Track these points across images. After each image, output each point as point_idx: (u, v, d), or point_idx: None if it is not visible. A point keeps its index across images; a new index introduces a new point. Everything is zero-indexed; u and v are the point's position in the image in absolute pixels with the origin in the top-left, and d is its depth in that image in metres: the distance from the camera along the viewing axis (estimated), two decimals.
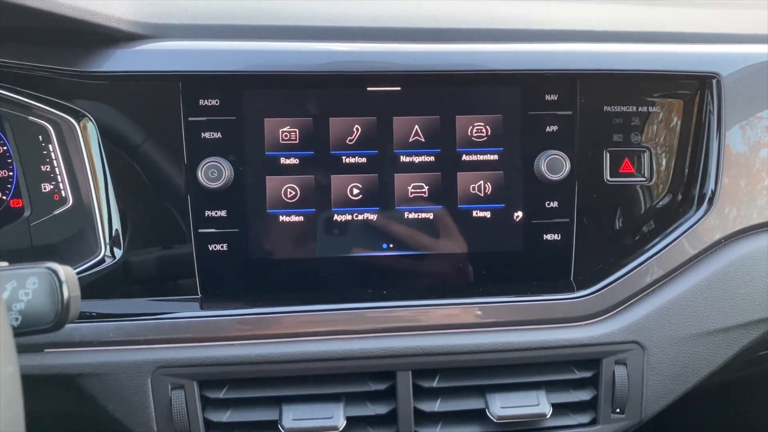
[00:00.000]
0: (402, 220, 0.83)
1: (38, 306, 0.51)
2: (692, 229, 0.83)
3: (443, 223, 0.83)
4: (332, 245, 0.82)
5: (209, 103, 0.80)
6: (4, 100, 0.80)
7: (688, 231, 0.83)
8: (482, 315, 0.80)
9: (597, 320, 0.81)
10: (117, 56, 0.78)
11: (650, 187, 0.86)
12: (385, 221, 0.83)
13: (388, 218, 0.83)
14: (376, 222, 0.83)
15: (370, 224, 0.83)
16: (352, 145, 0.82)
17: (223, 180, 0.79)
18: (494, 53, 0.82)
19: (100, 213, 0.81)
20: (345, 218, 0.82)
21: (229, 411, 0.78)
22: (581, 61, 0.83)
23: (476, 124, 0.82)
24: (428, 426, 0.79)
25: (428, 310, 0.80)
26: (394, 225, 0.83)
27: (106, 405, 0.76)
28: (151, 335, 0.77)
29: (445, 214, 0.83)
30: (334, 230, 0.82)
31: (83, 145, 0.81)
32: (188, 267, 0.81)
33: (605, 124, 0.84)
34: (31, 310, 0.51)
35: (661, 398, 0.81)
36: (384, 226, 0.83)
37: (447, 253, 0.83)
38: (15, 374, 0.39)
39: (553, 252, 0.84)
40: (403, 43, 0.82)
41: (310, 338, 0.78)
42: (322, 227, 0.82)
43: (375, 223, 0.83)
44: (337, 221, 0.82)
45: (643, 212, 0.85)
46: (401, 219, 0.83)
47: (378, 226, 0.83)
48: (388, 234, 0.83)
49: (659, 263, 0.82)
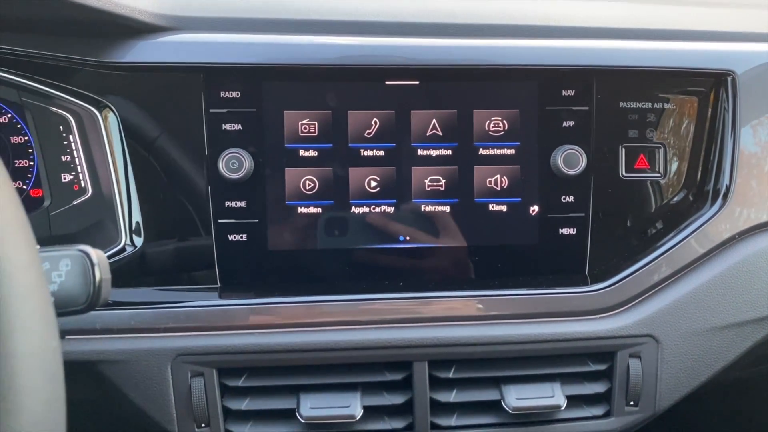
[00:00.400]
0: (419, 213, 0.84)
1: (71, 288, 0.52)
2: (706, 224, 0.83)
3: (459, 217, 0.84)
4: (349, 237, 0.83)
5: (230, 95, 0.81)
6: (27, 90, 0.81)
7: (702, 227, 0.83)
8: (498, 307, 0.81)
9: (612, 313, 0.81)
10: (140, 47, 0.79)
11: (665, 183, 0.86)
12: (402, 214, 0.83)
13: (405, 211, 0.83)
14: (393, 214, 0.83)
15: (388, 216, 0.83)
16: (371, 138, 0.83)
17: (244, 171, 0.80)
18: (512, 48, 0.83)
19: (120, 203, 0.82)
20: (362, 210, 0.83)
21: (247, 399, 0.78)
22: (598, 57, 0.84)
23: (493, 119, 0.83)
24: (444, 416, 0.80)
25: (444, 301, 0.81)
26: (411, 218, 0.84)
27: (126, 392, 0.77)
28: (171, 323, 0.77)
29: (462, 207, 0.84)
30: (351, 222, 0.83)
31: (105, 135, 0.82)
32: (208, 257, 0.82)
33: (621, 119, 0.85)
34: (64, 292, 0.52)
35: (674, 391, 0.82)
36: (401, 218, 0.84)
37: (463, 246, 0.84)
38: (58, 349, 0.40)
39: (568, 246, 0.84)
40: (421, 38, 0.83)
41: (327, 328, 0.79)
42: (340, 219, 0.83)
43: (392, 216, 0.83)
44: (355, 213, 0.83)
45: (658, 208, 0.86)
46: (418, 212, 0.84)
47: (395, 218, 0.83)
48: (405, 226, 0.84)
49: (674, 258, 0.83)
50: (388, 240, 0.84)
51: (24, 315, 0.37)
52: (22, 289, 0.37)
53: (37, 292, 0.38)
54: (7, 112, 0.82)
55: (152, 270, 0.82)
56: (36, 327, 0.38)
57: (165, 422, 0.77)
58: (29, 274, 0.38)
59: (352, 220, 0.83)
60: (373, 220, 0.83)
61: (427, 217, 0.84)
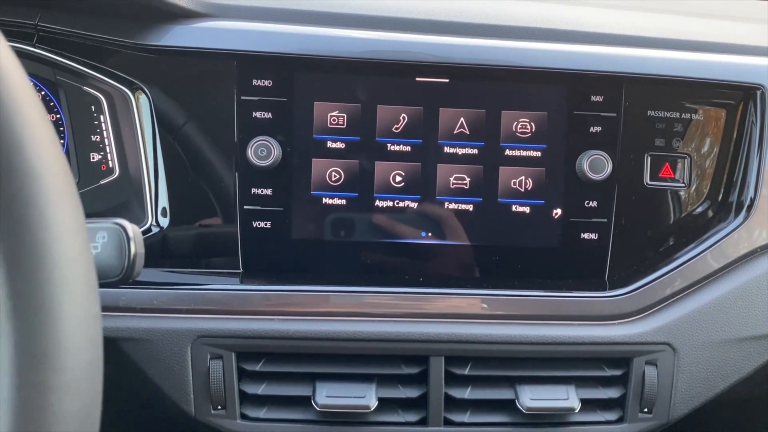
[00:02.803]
0: (442, 209, 0.84)
1: (106, 260, 0.53)
2: (729, 237, 0.83)
3: (482, 216, 0.84)
4: (372, 230, 0.84)
5: (262, 83, 0.82)
6: (62, 68, 0.82)
7: (724, 239, 0.83)
8: (517, 307, 0.81)
9: (630, 320, 0.82)
10: (176, 32, 0.80)
11: (688, 193, 0.87)
12: (426, 210, 0.84)
13: (428, 207, 0.84)
14: (416, 210, 0.84)
15: (411, 212, 0.84)
16: (398, 133, 0.83)
17: (272, 159, 0.81)
18: (544, 52, 0.83)
19: (148, 184, 0.83)
20: (386, 204, 0.84)
21: (264, 384, 0.79)
22: (629, 64, 0.84)
23: (521, 120, 0.84)
24: (457, 412, 0.80)
25: (463, 298, 0.81)
26: (434, 214, 0.84)
27: (146, 371, 0.78)
28: (193, 305, 0.78)
29: (485, 206, 0.84)
30: (374, 215, 0.84)
31: (136, 116, 0.83)
32: (231, 242, 0.83)
33: (648, 128, 0.85)
34: (99, 263, 0.52)
35: (689, 401, 0.82)
36: (424, 214, 0.84)
37: (484, 245, 0.85)
38: (99, 315, 0.41)
39: (589, 251, 0.85)
40: (453, 37, 0.83)
41: (346, 318, 0.80)
42: (364, 212, 0.84)
43: (415, 211, 0.84)
44: (379, 207, 0.84)
45: (681, 217, 0.86)
46: (441, 209, 0.84)
47: (418, 214, 0.84)
48: (428, 222, 0.84)
49: (694, 268, 0.83)
50: (410, 235, 0.84)
51: (71, 278, 0.38)
52: (72, 253, 0.38)
53: (83, 257, 0.39)
54: (41, 90, 0.84)
55: (176, 252, 0.83)
56: (81, 291, 0.39)
57: (182, 403, 0.78)
58: (77, 238, 0.39)
59: (376, 213, 0.84)
60: (397, 214, 0.84)
61: (450, 214, 0.84)
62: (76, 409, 0.38)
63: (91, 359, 0.39)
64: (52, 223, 0.37)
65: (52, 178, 0.38)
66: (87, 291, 0.39)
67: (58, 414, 0.37)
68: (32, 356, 0.36)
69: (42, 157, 0.38)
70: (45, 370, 0.36)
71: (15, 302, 0.36)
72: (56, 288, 0.37)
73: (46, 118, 0.41)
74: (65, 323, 0.37)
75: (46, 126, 0.40)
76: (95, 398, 0.40)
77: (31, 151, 0.38)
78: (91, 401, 0.39)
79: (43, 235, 0.37)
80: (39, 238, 0.37)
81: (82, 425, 0.39)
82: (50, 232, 0.37)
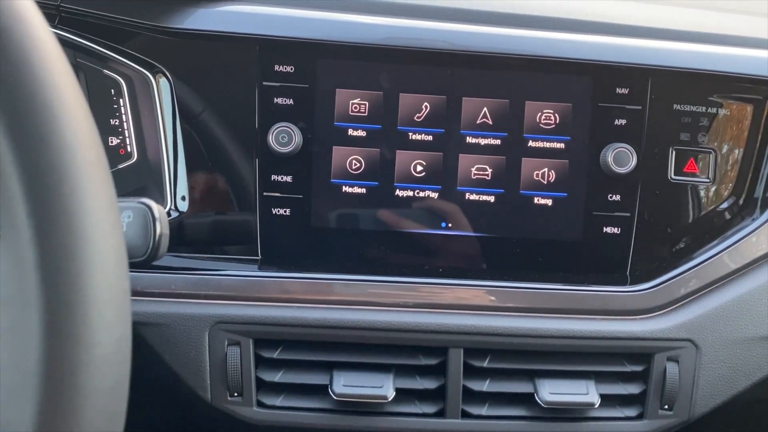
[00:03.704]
0: (463, 200, 0.83)
1: (131, 239, 0.52)
2: (754, 233, 0.82)
3: (504, 207, 0.83)
4: (392, 219, 0.83)
5: (284, 69, 0.81)
6: (83, 50, 0.82)
7: (749, 235, 0.82)
8: (538, 300, 0.80)
9: (652, 315, 0.81)
10: (198, 15, 0.80)
11: (713, 188, 0.85)
12: (446, 200, 0.83)
13: (449, 197, 0.83)
14: (436, 200, 0.83)
15: (431, 202, 0.83)
16: (420, 122, 0.82)
17: (293, 145, 0.80)
18: (570, 42, 0.82)
19: (167, 168, 0.82)
20: (406, 194, 0.83)
21: (281, 371, 0.79)
22: (655, 57, 0.83)
23: (545, 111, 0.83)
24: (475, 405, 0.79)
25: (483, 290, 0.80)
26: (455, 205, 0.83)
27: (163, 356, 0.77)
28: (211, 290, 0.78)
29: (507, 198, 0.83)
30: (394, 205, 0.83)
31: (157, 100, 0.82)
32: (250, 229, 0.82)
33: (673, 122, 0.84)
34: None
35: (710, 399, 0.81)
36: (444, 204, 0.83)
37: (505, 236, 0.84)
38: (128, 292, 0.40)
39: (611, 245, 0.84)
40: (479, 25, 0.82)
41: (365, 307, 0.79)
42: (383, 201, 0.83)
43: (436, 201, 0.83)
44: (399, 196, 0.83)
45: (705, 213, 0.85)
46: (462, 199, 0.83)
47: (438, 204, 0.83)
48: (448, 213, 0.83)
49: (718, 264, 0.82)
50: (430, 225, 0.83)
51: (103, 253, 0.37)
52: (104, 226, 0.37)
53: (114, 233, 0.39)
54: None
55: (194, 238, 0.82)
56: (112, 266, 0.38)
57: (199, 389, 0.77)
58: (110, 212, 0.38)
59: (396, 202, 0.83)
60: (417, 204, 0.83)
61: (470, 205, 0.83)
62: (105, 386, 0.37)
63: (120, 336, 0.39)
64: (84, 197, 0.37)
65: (85, 151, 0.38)
66: (117, 266, 0.38)
67: (88, 390, 0.36)
68: (62, 330, 0.36)
69: (75, 129, 0.37)
70: (75, 344, 0.36)
71: (45, 274, 0.36)
72: (87, 262, 0.36)
73: (80, 90, 0.40)
74: (96, 298, 0.36)
75: (79, 98, 0.39)
76: (124, 376, 0.39)
77: (65, 122, 0.37)
78: (120, 379, 0.39)
79: (75, 208, 0.36)
80: (71, 210, 0.36)
81: (111, 403, 0.38)
82: (83, 205, 0.37)
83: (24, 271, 0.35)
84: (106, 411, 0.38)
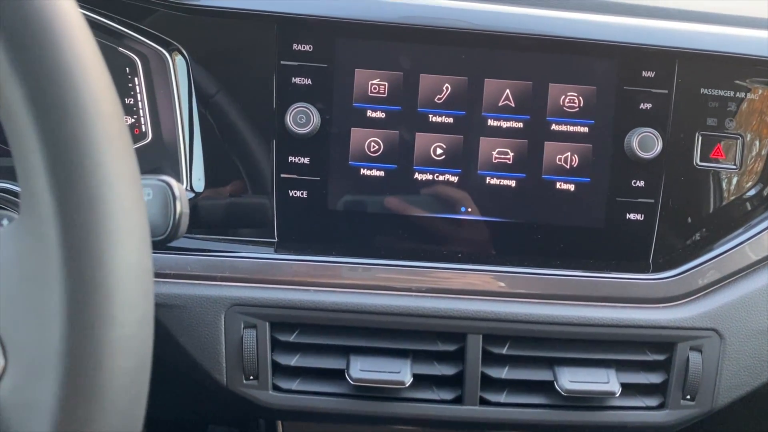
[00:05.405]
0: (483, 184, 0.82)
1: (151, 218, 0.51)
2: None
3: (525, 192, 0.82)
4: (410, 203, 0.82)
5: (303, 48, 0.80)
6: (99, 27, 0.80)
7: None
8: (558, 287, 0.79)
9: (675, 304, 0.79)
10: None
11: (739, 175, 0.83)
12: (466, 184, 0.82)
13: (469, 182, 0.82)
14: (456, 184, 0.82)
15: (451, 186, 0.82)
16: (441, 103, 0.81)
17: (311, 126, 0.79)
18: (595, 23, 0.80)
19: (183, 148, 0.81)
20: (425, 177, 0.82)
21: (297, 355, 0.78)
22: (682, 39, 0.81)
23: (569, 94, 0.81)
24: (493, 392, 0.78)
25: (503, 276, 0.79)
26: (475, 189, 0.82)
27: (179, 338, 0.76)
28: (228, 272, 0.77)
29: (528, 183, 0.81)
30: (413, 188, 0.81)
31: (173, 78, 0.81)
32: (267, 210, 0.81)
33: (700, 106, 0.82)
34: None
35: (733, 390, 0.79)
36: (464, 189, 0.82)
37: (526, 222, 0.82)
38: (151, 271, 0.39)
39: (634, 232, 0.82)
40: (502, 5, 0.80)
41: (382, 292, 0.78)
42: (402, 184, 0.81)
43: (455, 185, 0.82)
44: (418, 179, 0.82)
45: (730, 200, 0.83)
46: (482, 184, 0.82)
47: (458, 188, 0.82)
48: (468, 197, 0.82)
49: (743, 253, 0.80)
50: (449, 210, 0.82)
51: (126, 230, 0.36)
52: (127, 203, 0.36)
53: (138, 209, 0.37)
54: None
55: (210, 220, 0.81)
56: (135, 243, 0.37)
57: (214, 372, 0.76)
58: (133, 188, 0.37)
59: (414, 186, 0.81)
60: (436, 188, 0.82)
61: (491, 189, 0.82)
62: (128, 365, 0.36)
63: (143, 315, 0.37)
64: (107, 171, 0.36)
65: (107, 124, 0.36)
66: (140, 244, 0.37)
67: (111, 370, 0.35)
68: (85, 308, 0.35)
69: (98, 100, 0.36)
70: (98, 323, 0.35)
71: (68, 251, 0.35)
72: (111, 238, 0.35)
73: (103, 63, 0.39)
74: (119, 275, 0.35)
75: (103, 70, 0.38)
76: (147, 356, 0.38)
77: (87, 93, 0.36)
78: (143, 359, 0.38)
79: (98, 183, 0.35)
80: (94, 184, 0.35)
81: (133, 383, 0.37)
82: (106, 181, 0.35)
83: (46, 247, 0.34)
84: (129, 391, 0.37)
